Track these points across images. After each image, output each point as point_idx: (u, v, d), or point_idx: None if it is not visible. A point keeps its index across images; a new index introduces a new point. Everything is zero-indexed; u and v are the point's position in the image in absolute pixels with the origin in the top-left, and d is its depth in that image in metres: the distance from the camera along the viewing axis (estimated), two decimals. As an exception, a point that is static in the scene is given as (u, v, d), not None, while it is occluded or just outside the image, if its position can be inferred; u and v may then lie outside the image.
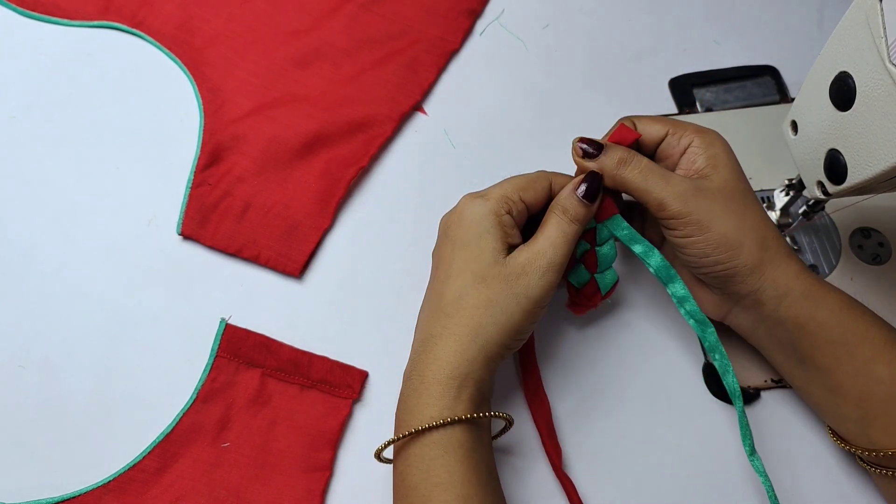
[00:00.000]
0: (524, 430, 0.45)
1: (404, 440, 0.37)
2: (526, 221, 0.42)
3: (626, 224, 0.42)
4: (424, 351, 0.39)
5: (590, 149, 0.40)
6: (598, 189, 0.40)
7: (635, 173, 0.40)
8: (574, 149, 0.41)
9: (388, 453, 0.40)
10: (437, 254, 0.42)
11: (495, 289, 0.38)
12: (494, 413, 0.39)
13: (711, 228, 0.39)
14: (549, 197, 0.42)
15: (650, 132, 0.42)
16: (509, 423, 0.40)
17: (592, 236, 0.43)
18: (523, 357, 0.45)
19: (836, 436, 0.41)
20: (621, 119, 0.43)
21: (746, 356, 0.46)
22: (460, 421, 0.37)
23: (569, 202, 0.40)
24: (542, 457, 0.44)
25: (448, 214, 0.42)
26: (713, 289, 0.42)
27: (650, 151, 0.43)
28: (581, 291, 0.45)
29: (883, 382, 0.37)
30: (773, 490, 0.40)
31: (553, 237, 0.39)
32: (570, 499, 0.42)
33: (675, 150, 0.42)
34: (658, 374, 0.46)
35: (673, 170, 0.42)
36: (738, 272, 0.39)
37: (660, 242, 0.45)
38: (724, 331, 0.45)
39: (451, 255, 0.40)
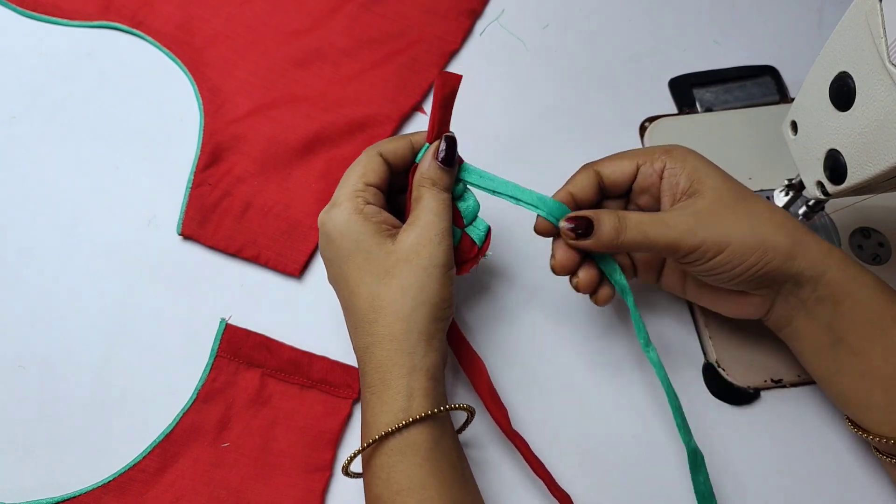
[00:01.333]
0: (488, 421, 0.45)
1: (358, 454, 0.37)
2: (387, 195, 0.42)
3: (473, 168, 0.42)
4: (365, 363, 0.39)
5: (580, 229, 0.39)
6: (454, 153, 0.40)
7: (634, 234, 0.39)
8: (563, 232, 0.40)
9: (358, 467, 0.39)
10: (331, 280, 0.41)
11: (402, 274, 0.38)
12: (451, 406, 0.38)
13: (730, 240, 0.38)
14: (389, 166, 0.41)
15: (621, 171, 0.41)
16: (471, 413, 0.40)
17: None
18: (449, 335, 0.44)
19: (856, 426, 0.41)
20: (586, 167, 0.42)
21: (746, 356, 0.46)
22: (414, 422, 0.36)
23: (434, 173, 0.40)
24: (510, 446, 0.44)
25: (320, 242, 0.41)
26: (753, 292, 0.41)
27: (626, 189, 0.42)
28: (459, 249, 0.43)
29: None
30: (667, 379, 0.41)
31: (433, 207, 0.39)
32: (523, 456, 0.42)
33: (651, 178, 0.41)
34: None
35: (658, 198, 0.41)
36: (773, 265, 0.38)
37: (655, 279, 0.45)
38: (718, 326, 0.45)
39: (343, 271, 0.40)
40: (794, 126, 0.42)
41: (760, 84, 0.56)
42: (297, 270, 0.49)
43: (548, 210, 0.40)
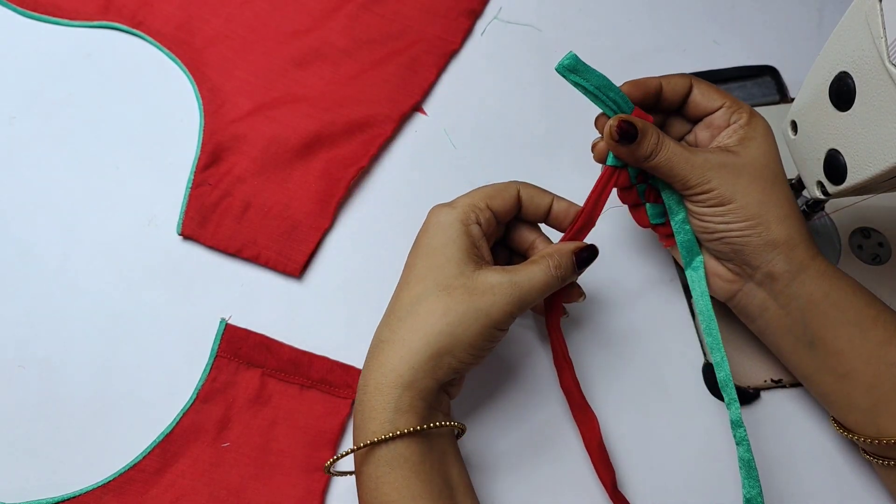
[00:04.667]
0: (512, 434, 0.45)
1: (341, 458, 0.37)
2: (495, 238, 0.43)
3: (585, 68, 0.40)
4: (372, 357, 0.38)
5: (626, 133, 0.39)
6: (591, 261, 0.41)
7: (662, 161, 0.40)
8: (610, 130, 0.40)
9: (344, 466, 0.39)
10: (406, 264, 0.41)
11: (456, 299, 0.37)
12: (438, 423, 0.37)
13: (734, 199, 0.39)
14: (517, 206, 0.42)
15: (707, 103, 0.42)
16: (461, 430, 0.39)
17: (643, 177, 0.43)
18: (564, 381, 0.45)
19: (841, 426, 0.41)
20: (687, 75, 0.43)
21: (746, 356, 0.46)
22: (402, 435, 0.35)
23: (564, 260, 0.40)
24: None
25: (421, 228, 0.41)
26: (727, 263, 0.42)
27: (702, 118, 0.43)
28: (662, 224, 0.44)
29: (894, 366, 0.37)
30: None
31: (535, 277, 0.39)
32: (555, 358, 0.44)
33: (722, 122, 0.42)
34: (657, 373, 0.46)
35: (713, 138, 0.42)
36: (755, 242, 0.40)
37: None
38: (725, 328, 0.45)
39: (415, 261, 0.40)
40: (794, 126, 0.42)
41: (760, 84, 0.56)
42: (297, 270, 0.49)
43: (624, 106, 0.41)
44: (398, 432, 0.35)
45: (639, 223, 0.45)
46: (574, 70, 0.39)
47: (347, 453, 0.37)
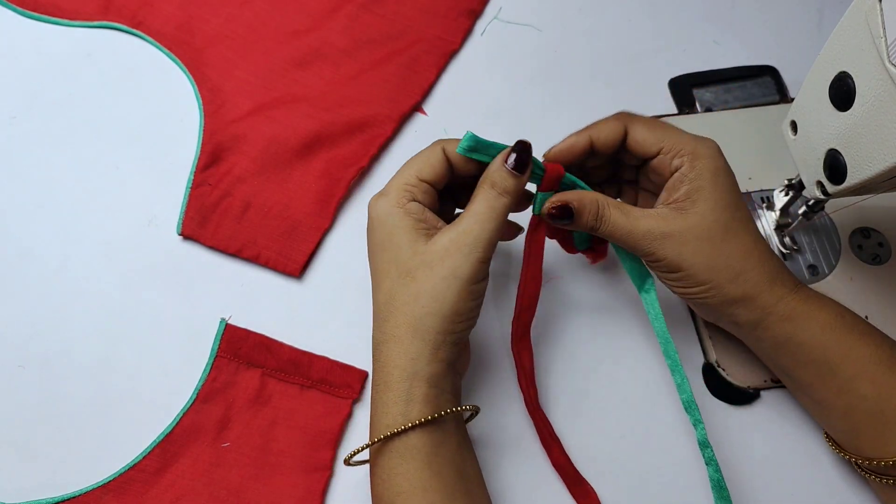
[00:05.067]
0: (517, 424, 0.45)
1: (359, 451, 0.37)
2: (439, 201, 0.41)
3: (574, 180, 0.41)
4: (375, 360, 0.39)
5: (566, 212, 0.39)
6: (528, 159, 0.38)
7: (608, 229, 0.40)
8: (545, 213, 0.40)
9: (363, 457, 0.39)
10: (369, 266, 0.41)
11: (421, 278, 0.37)
12: (451, 409, 0.37)
13: (682, 267, 0.39)
14: (449, 166, 0.40)
15: (643, 147, 0.40)
16: (474, 412, 0.40)
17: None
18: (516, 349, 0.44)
19: (833, 443, 0.42)
20: (620, 116, 0.42)
21: (746, 356, 0.46)
22: (413, 427, 0.36)
23: (498, 175, 0.38)
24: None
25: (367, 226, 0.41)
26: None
27: (645, 162, 0.42)
28: (592, 243, 0.45)
29: (867, 399, 0.38)
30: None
31: (480, 212, 0.38)
32: (541, 437, 0.44)
33: (665, 169, 0.40)
34: (657, 373, 0.46)
35: (660, 186, 0.41)
36: (712, 303, 0.40)
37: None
38: (718, 326, 0.45)
39: (374, 260, 0.40)
40: (794, 126, 0.42)
41: (760, 84, 0.56)
42: (297, 270, 0.49)
43: (540, 198, 0.40)
44: (410, 424, 0.36)
45: (567, 251, 0.45)
46: (474, 150, 0.39)
47: (362, 449, 0.37)
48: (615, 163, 0.44)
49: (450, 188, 0.42)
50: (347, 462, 0.39)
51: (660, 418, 0.45)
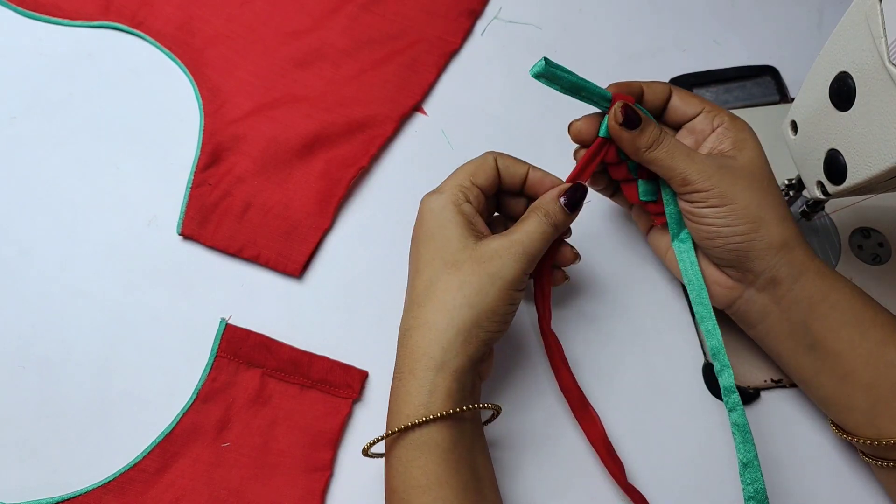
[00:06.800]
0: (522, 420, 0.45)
1: (377, 442, 0.38)
2: (487, 209, 0.43)
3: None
4: (402, 346, 0.39)
5: (631, 118, 0.40)
6: (580, 201, 0.41)
7: (663, 153, 0.40)
8: (615, 113, 0.40)
9: (379, 448, 0.40)
10: (410, 258, 0.42)
11: (467, 271, 0.38)
12: (474, 405, 0.38)
13: (735, 200, 0.39)
14: (498, 175, 0.42)
15: (685, 108, 0.43)
16: (497, 411, 0.40)
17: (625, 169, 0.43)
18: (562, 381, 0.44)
19: (839, 428, 0.41)
20: (662, 82, 0.44)
21: (746, 356, 0.46)
22: (435, 419, 0.36)
23: (551, 207, 0.41)
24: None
25: (415, 222, 0.42)
26: (728, 269, 0.42)
27: (682, 124, 0.43)
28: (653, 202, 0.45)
29: (893, 367, 0.38)
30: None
31: (531, 231, 0.40)
32: (550, 360, 0.44)
33: (706, 127, 0.42)
34: (657, 373, 0.46)
35: (700, 145, 0.43)
36: (757, 245, 0.40)
37: (645, 231, 0.47)
38: (724, 330, 0.45)
39: (419, 249, 0.40)
40: (794, 126, 0.42)
41: (760, 84, 0.56)
42: (297, 270, 0.49)
43: (603, 102, 0.41)
44: (431, 416, 0.36)
45: (630, 199, 0.45)
46: (545, 77, 0.40)
47: (381, 438, 0.37)
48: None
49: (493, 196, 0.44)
50: (365, 452, 0.39)
51: (689, 398, 0.45)
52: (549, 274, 0.44)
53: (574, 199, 0.41)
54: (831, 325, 0.39)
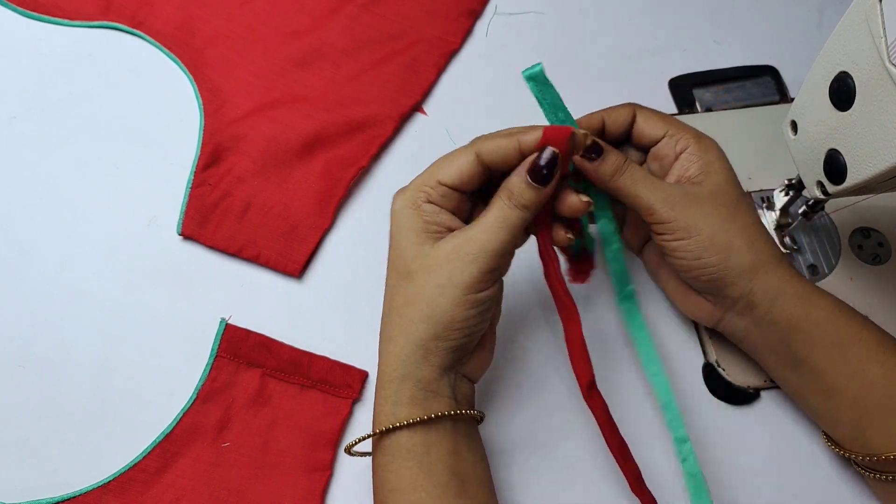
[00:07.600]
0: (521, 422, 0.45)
1: (357, 444, 0.38)
2: (470, 201, 0.40)
3: (549, 87, 0.39)
4: (379, 356, 0.39)
5: (594, 151, 0.39)
6: (551, 171, 0.36)
7: (627, 181, 0.40)
8: (578, 140, 0.39)
9: (365, 447, 0.40)
10: None
11: (418, 282, 0.36)
12: (440, 413, 0.36)
13: (700, 231, 0.39)
14: (480, 167, 0.38)
15: (650, 131, 0.42)
16: (479, 418, 0.40)
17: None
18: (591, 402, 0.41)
19: (832, 441, 0.41)
20: (629, 104, 0.43)
21: (746, 356, 0.46)
22: (402, 427, 0.36)
23: (515, 186, 0.37)
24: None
25: None
26: (706, 295, 0.42)
27: (646, 148, 0.43)
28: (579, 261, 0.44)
29: (876, 384, 0.38)
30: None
31: (489, 222, 0.36)
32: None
33: (670, 152, 0.41)
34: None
35: (667, 171, 0.42)
36: (729, 274, 0.39)
37: (639, 247, 0.47)
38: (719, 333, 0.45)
39: (388, 254, 0.39)
40: (793, 126, 0.42)
41: (760, 84, 0.56)
42: (297, 270, 0.49)
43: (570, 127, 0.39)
44: (396, 424, 0.36)
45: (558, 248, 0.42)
46: (539, 80, 0.39)
47: (360, 440, 0.38)
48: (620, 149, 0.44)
49: (490, 187, 0.40)
50: (348, 450, 0.39)
51: (689, 398, 0.44)
52: (548, 231, 0.40)
53: (542, 171, 0.36)
54: (813, 344, 0.39)
